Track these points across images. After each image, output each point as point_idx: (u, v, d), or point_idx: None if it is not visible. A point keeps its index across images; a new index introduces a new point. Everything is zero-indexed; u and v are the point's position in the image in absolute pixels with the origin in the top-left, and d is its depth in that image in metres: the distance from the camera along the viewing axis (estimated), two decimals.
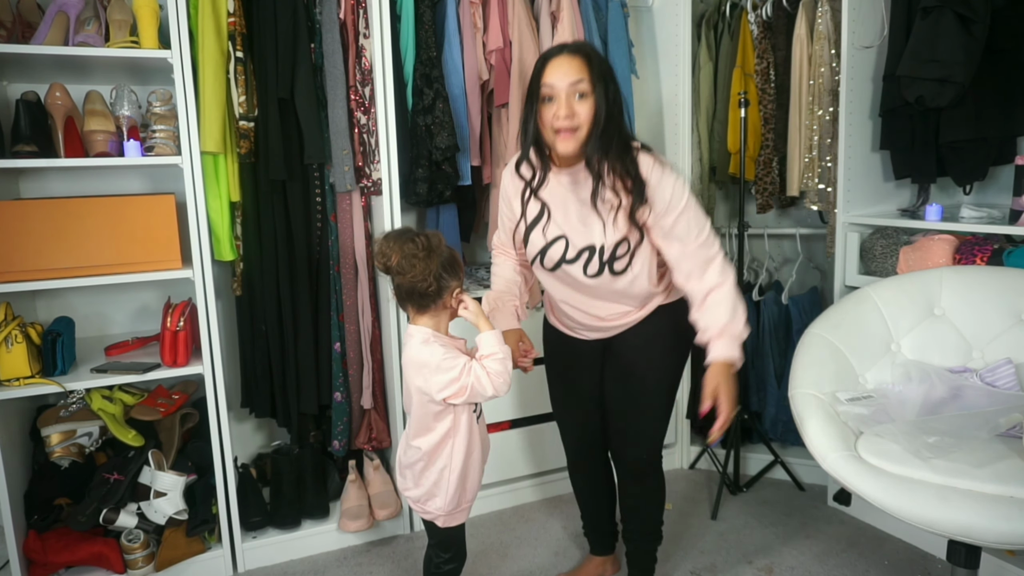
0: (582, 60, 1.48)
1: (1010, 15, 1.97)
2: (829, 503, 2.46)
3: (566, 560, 2.20)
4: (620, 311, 1.70)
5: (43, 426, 2.02)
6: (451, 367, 1.44)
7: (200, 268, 1.99)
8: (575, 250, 1.59)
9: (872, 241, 2.28)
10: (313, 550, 2.26)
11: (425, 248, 1.44)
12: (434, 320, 1.51)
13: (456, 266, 1.51)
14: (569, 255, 1.60)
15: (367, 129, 2.16)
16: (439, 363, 1.44)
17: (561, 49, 1.51)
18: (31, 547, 1.96)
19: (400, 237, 1.47)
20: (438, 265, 1.45)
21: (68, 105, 1.93)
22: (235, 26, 1.99)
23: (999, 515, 1.34)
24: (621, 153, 1.52)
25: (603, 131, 1.49)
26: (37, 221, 1.82)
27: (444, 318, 1.53)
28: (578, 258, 1.60)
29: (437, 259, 1.45)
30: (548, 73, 1.49)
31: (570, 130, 1.49)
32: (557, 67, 1.48)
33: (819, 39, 2.35)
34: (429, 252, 1.44)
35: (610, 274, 1.60)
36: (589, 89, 1.48)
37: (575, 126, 1.48)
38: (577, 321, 1.75)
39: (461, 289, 1.52)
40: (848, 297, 2.00)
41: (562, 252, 1.61)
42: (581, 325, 1.76)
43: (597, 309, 1.70)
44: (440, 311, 1.51)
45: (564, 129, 1.49)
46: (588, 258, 1.59)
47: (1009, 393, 1.69)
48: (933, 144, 2.17)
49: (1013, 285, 1.81)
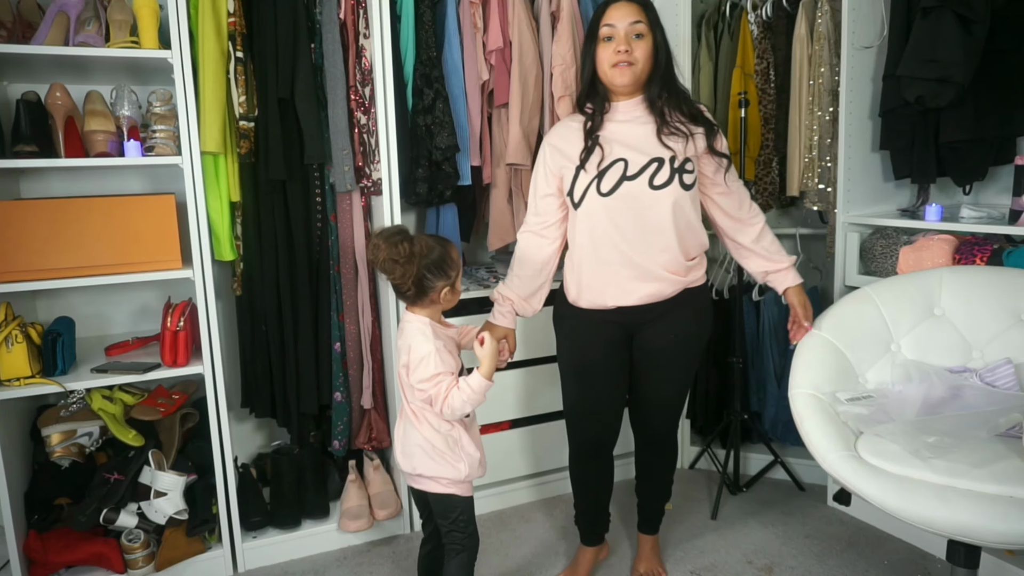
0: (639, 7, 1.67)
1: (1010, 15, 1.97)
2: (829, 503, 2.46)
3: (566, 560, 2.20)
4: (663, 262, 1.71)
5: (43, 426, 2.02)
6: (430, 371, 1.56)
7: (200, 268, 1.99)
8: (637, 166, 1.66)
9: (872, 241, 2.28)
10: (313, 550, 2.26)
11: (406, 255, 1.55)
12: (427, 311, 1.63)
13: (445, 266, 1.60)
14: (631, 171, 1.67)
15: (367, 129, 2.16)
16: (427, 361, 1.56)
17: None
18: (31, 547, 1.96)
19: (390, 238, 1.57)
20: (419, 269, 1.56)
21: (68, 105, 1.94)
22: (235, 26, 1.99)
23: (998, 515, 1.34)
24: (681, 94, 1.72)
25: (663, 73, 1.68)
26: (37, 221, 1.82)
27: (436, 309, 1.65)
28: (642, 172, 1.66)
29: (418, 264, 1.56)
30: (608, 15, 1.67)
31: (627, 63, 1.65)
32: (617, 9, 1.66)
33: (819, 39, 2.35)
34: (410, 257, 1.55)
35: (680, 186, 1.66)
36: (647, 30, 1.65)
37: (632, 60, 1.65)
38: (615, 271, 1.72)
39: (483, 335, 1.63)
40: (848, 297, 2.00)
41: (622, 171, 1.67)
42: (617, 279, 1.72)
43: (644, 249, 1.69)
44: (429, 305, 1.63)
45: (621, 62, 1.64)
46: (657, 168, 1.66)
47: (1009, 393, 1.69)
48: (933, 144, 2.17)
49: (1013, 285, 1.81)
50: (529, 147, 2.30)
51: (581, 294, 1.79)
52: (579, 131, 1.73)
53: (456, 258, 1.64)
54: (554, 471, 2.58)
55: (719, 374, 2.73)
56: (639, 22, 1.64)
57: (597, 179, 1.68)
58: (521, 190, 2.36)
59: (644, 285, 1.72)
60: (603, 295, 1.75)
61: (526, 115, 2.29)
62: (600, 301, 1.76)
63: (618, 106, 1.73)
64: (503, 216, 2.39)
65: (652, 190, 1.66)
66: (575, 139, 1.73)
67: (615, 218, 1.68)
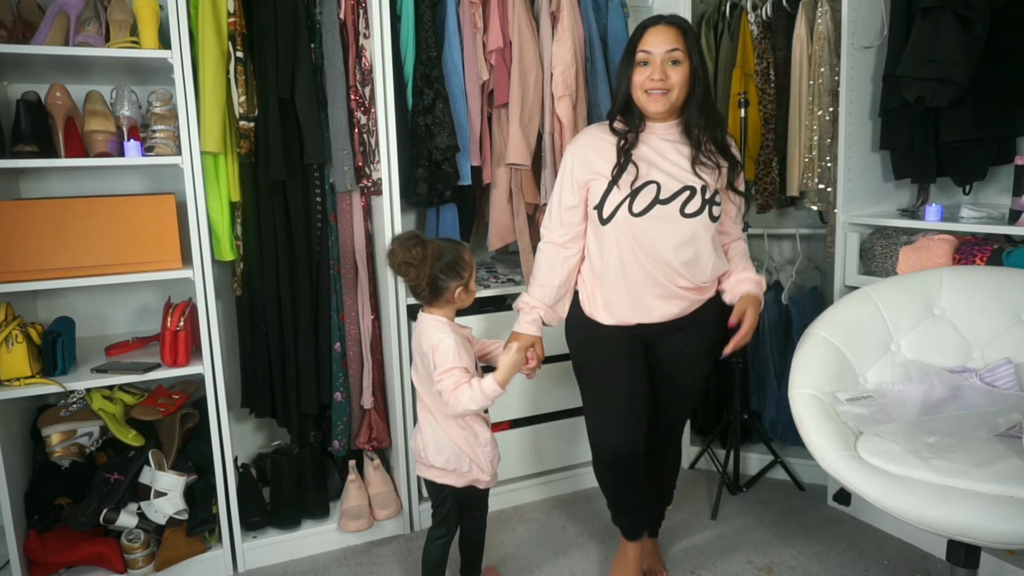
0: (678, 32, 1.64)
1: (1010, 15, 1.97)
2: (829, 503, 2.46)
3: (566, 560, 2.20)
4: (687, 284, 1.73)
5: (43, 426, 2.02)
6: (448, 364, 1.64)
7: (200, 268, 1.99)
8: (670, 191, 1.67)
9: (872, 241, 2.28)
10: (313, 550, 2.26)
11: (419, 257, 1.65)
12: (442, 310, 1.73)
13: (458, 267, 1.68)
14: (664, 195, 1.67)
15: (367, 129, 2.16)
16: (445, 352, 1.65)
17: (659, 20, 1.66)
18: (31, 547, 1.96)
19: (404, 242, 1.67)
20: (432, 271, 1.66)
21: (68, 105, 1.94)
22: (235, 26, 1.99)
23: (999, 515, 1.34)
24: (717, 121, 1.71)
25: (700, 99, 1.67)
26: (37, 221, 1.82)
27: (451, 309, 1.74)
28: (675, 197, 1.67)
29: (431, 266, 1.65)
30: (646, 40, 1.64)
31: (662, 91, 1.64)
32: (655, 35, 1.64)
33: (819, 39, 2.35)
34: (423, 260, 1.65)
35: (709, 218, 1.69)
36: (683, 57, 1.63)
37: (667, 88, 1.64)
38: (641, 289, 1.73)
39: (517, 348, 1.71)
40: (848, 297, 2.00)
41: (655, 194, 1.67)
42: (641, 297, 1.73)
43: (670, 271, 1.70)
44: (445, 304, 1.72)
45: (656, 90, 1.64)
46: (689, 197, 1.68)
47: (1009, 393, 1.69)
48: (933, 144, 2.17)
49: (1013, 285, 1.81)
50: (529, 147, 2.30)
51: (600, 309, 1.79)
52: (611, 145, 1.71)
53: (468, 259, 1.70)
54: (553, 471, 2.59)
55: (719, 374, 2.73)
56: (676, 49, 1.62)
57: (630, 198, 1.67)
58: (521, 190, 2.36)
59: (666, 304, 1.74)
60: (624, 312, 1.76)
61: (526, 115, 2.29)
62: (622, 317, 1.77)
63: (654, 127, 1.72)
64: (503, 216, 2.39)
65: (683, 217, 1.67)
66: (607, 153, 1.71)
67: (644, 239, 1.68)
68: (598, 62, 2.40)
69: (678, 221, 1.67)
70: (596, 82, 2.40)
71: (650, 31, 1.65)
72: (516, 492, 2.55)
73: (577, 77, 2.31)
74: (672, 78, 1.63)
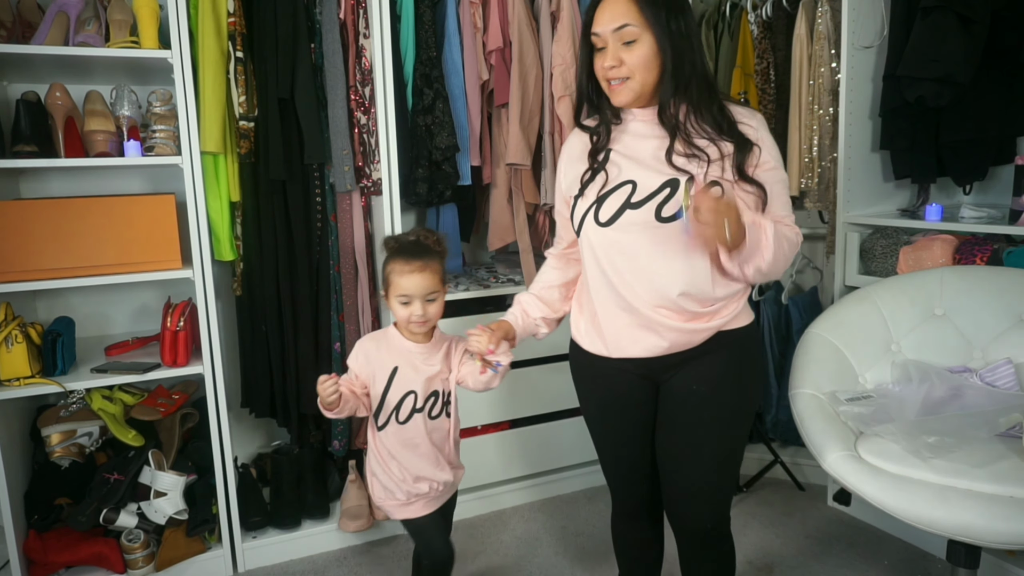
0: (631, 2, 1.28)
1: (1010, 15, 1.97)
2: (829, 503, 2.46)
3: (567, 560, 2.20)
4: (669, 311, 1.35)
5: (43, 426, 2.02)
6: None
7: (200, 268, 1.99)
8: (646, 191, 1.32)
9: (872, 241, 2.28)
10: (313, 550, 2.26)
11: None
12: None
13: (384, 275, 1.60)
14: (636, 197, 1.33)
15: (367, 129, 2.16)
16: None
17: None
18: (31, 547, 1.96)
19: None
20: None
21: (68, 105, 1.94)
22: (235, 26, 1.99)
23: (999, 515, 1.34)
24: (710, 100, 1.32)
25: (673, 76, 1.30)
26: (37, 221, 1.82)
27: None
28: (650, 198, 1.32)
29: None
30: (595, 21, 1.32)
31: (620, 80, 1.32)
32: (601, 12, 1.31)
33: (819, 39, 2.35)
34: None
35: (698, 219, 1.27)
36: (640, 31, 1.28)
37: (623, 76, 1.31)
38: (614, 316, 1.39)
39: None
40: (848, 297, 2.00)
41: (626, 196, 1.34)
42: (615, 327, 1.40)
43: (644, 294, 1.34)
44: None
45: (613, 79, 1.33)
46: (669, 194, 1.30)
47: (1009, 393, 1.69)
48: (933, 144, 2.17)
49: (1013, 285, 1.81)
50: (529, 147, 2.30)
51: (581, 336, 1.50)
52: (587, 147, 1.44)
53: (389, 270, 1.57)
54: (553, 471, 2.58)
55: None
56: (627, 25, 1.28)
57: (596, 205, 1.37)
58: (521, 190, 2.36)
59: (649, 336, 1.37)
60: (601, 343, 1.44)
61: (526, 115, 2.29)
62: (599, 348, 1.45)
63: (633, 114, 1.40)
64: (503, 216, 2.39)
65: (659, 222, 1.31)
66: (585, 155, 1.44)
67: (611, 254, 1.36)
68: None
69: (653, 228, 1.31)
70: None
71: (598, 9, 1.32)
72: (516, 492, 2.54)
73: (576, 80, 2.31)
74: (628, 61, 1.30)
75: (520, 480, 2.55)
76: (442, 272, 1.60)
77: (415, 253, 1.56)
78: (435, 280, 1.57)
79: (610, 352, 1.42)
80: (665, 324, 1.35)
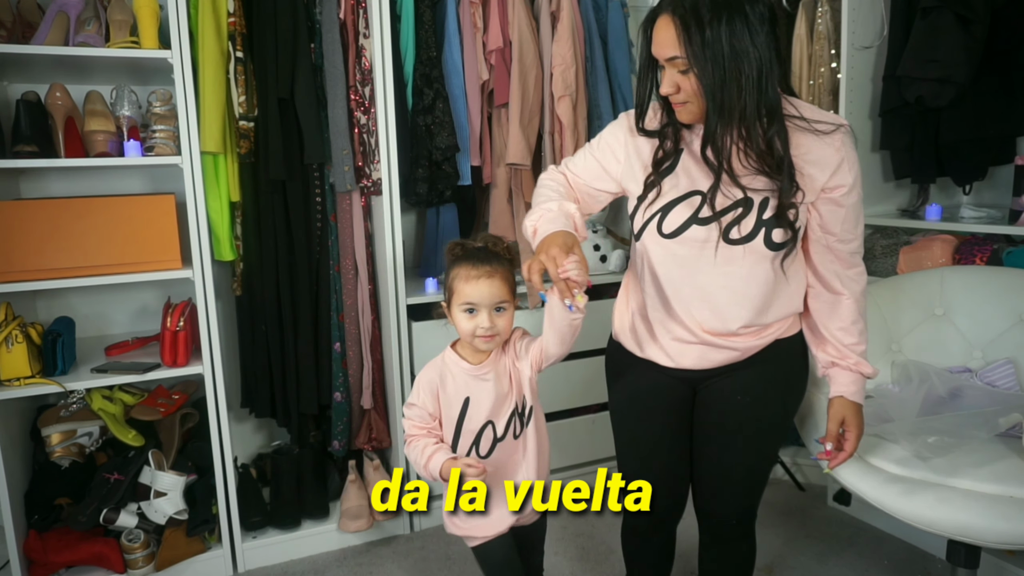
0: (676, 30, 1.17)
1: (1010, 15, 1.97)
2: (829, 503, 2.46)
3: (566, 560, 2.20)
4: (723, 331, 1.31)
5: (43, 426, 2.02)
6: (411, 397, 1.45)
7: (200, 268, 1.99)
8: (718, 206, 1.25)
9: (872, 241, 2.28)
10: (313, 550, 2.26)
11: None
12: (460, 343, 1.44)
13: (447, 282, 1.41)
14: (705, 212, 1.25)
15: (367, 129, 2.16)
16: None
17: (657, 11, 1.22)
18: (31, 547, 1.96)
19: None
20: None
21: (68, 105, 1.94)
22: (235, 26, 1.99)
23: (999, 515, 1.34)
24: (753, 129, 1.20)
25: (714, 109, 1.18)
26: (37, 221, 1.82)
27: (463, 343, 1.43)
28: (719, 216, 1.24)
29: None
30: (652, 42, 1.24)
31: (680, 103, 1.25)
32: (655, 37, 1.23)
33: (819, 39, 2.35)
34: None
35: (766, 245, 1.24)
36: (687, 64, 1.19)
37: (682, 100, 1.24)
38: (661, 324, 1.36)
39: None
40: None
41: (694, 209, 1.26)
42: (660, 335, 1.37)
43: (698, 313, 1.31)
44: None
45: (675, 103, 1.27)
46: (741, 214, 1.23)
47: (1009, 393, 1.69)
48: (933, 144, 2.17)
49: (1013, 285, 1.81)
50: (529, 147, 2.30)
51: (625, 335, 1.46)
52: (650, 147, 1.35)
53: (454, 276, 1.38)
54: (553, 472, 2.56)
55: None
56: (676, 58, 1.19)
57: (662, 213, 1.29)
58: (521, 190, 2.36)
59: (692, 352, 1.34)
60: (646, 347, 1.41)
61: (526, 115, 2.29)
62: (645, 353, 1.41)
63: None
64: (503, 216, 2.39)
65: (727, 244, 1.25)
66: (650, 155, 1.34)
67: (670, 268, 1.30)
68: (598, 62, 2.40)
69: (719, 247, 1.25)
70: (596, 82, 2.40)
71: (653, 29, 1.23)
72: None
73: (577, 77, 2.31)
74: (684, 87, 1.22)
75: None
76: (512, 282, 1.40)
77: (483, 258, 1.37)
78: (505, 289, 1.36)
79: (656, 359, 1.39)
80: (713, 343, 1.33)
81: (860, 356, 1.35)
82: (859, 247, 1.33)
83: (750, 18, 1.15)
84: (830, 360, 1.37)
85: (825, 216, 1.28)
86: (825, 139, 1.24)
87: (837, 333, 1.34)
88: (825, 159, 1.24)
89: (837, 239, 1.30)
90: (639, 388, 1.45)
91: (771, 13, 1.20)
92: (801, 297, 1.36)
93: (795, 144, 1.23)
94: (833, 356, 1.36)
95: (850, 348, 1.34)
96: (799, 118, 1.24)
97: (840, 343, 1.34)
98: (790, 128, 1.22)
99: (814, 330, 1.39)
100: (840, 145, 1.25)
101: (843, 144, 1.25)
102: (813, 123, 1.24)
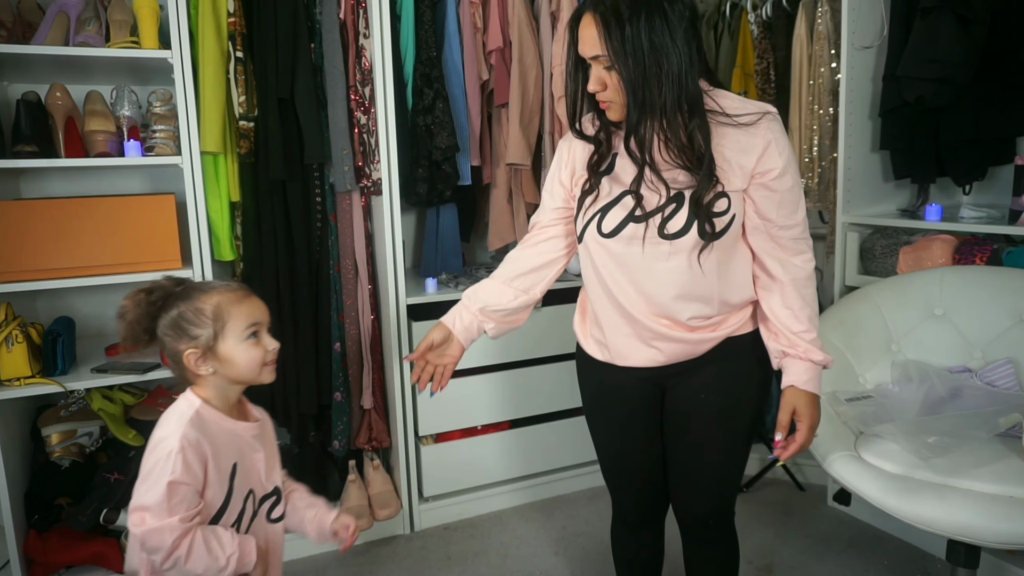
0: (597, 28, 1.19)
1: (1010, 15, 1.97)
2: (829, 503, 2.46)
3: (566, 560, 2.20)
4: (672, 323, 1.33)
5: (43, 426, 2.02)
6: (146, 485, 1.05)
7: (200, 268, 1.99)
8: (652, 203, 1.27)
9: (872, 241, 2.28)
10: (313, 550, 2.26)
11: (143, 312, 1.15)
12: (201, 389, 1.16)
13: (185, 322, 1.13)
14: (640, 211, 1.28)
15: (367, 129, 2.16)
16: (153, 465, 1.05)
17: (582, 10, 1.23)
18: (31, 547, 1.96)
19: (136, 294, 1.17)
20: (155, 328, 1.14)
21: (68, 105, 1.94)
22: (235, 26, 2.00)
23: (999, 515, 1.34)
24: (673, 123, 1.21)
25: (635, 104, 1.21)
26: (37, 221, 1.82)
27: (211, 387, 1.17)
28: (655, 213, 1.26)
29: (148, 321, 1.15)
30: (578, 41, 1.25)
31: (607, 103, 1.27)
32: (580, 36, 1.24)
33: (819, 39, 2.35)
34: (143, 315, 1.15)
35: (701, 235, 1.24)
36: (610, 61, 1.20)
37: (608, 99, 1.26)
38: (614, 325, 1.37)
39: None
40: (848, 297, 2.00)
41: (631, 208, 1.28)
42: (615, 336, 1.38)
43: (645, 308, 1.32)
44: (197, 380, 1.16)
45: (601, 101, 1.28)
46: (674, 210, 1.25)
47: (1009, 393, 1.69)
48: (933, 144, 2.18)
49: (1013, 285, 1.81)
50: (529, 147, 2.30)
51: (587, 342, 1.47)
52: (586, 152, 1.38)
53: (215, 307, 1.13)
54: (553, 471, 2.58)
55: None
56: (598, 56, 1.21)
57: (601, 214, 1.31)
58: (521, 190, 2.36)
59: (645, 348, 1.36)
60: (605, 350, 1.42)
61: (526, 115, 2.29)
62: (603, 355, 1.43)
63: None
64: (503, 216, 2.39)
65: (663, 239, 1.26)
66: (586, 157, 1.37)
67: (610, 266, 1.33)
68: None
69: (656, 243, 1.27)
70: None
71: (579, 29, 1.24)
72: (516, 492, 2.54)
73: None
74: (611, 84, 1.23)
75: (520, 480, 2.55)
76: None
77: (221, 283, 1.20)
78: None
79: (614, 360, 1.41)
80: (665, 335, 1.32)
81: (810, 344, 1.31)
82: (802, 233, 1.32)
83: (669, 15, 1.17)
84: (781, 350, 1.35)
85: (759, 203, 1.28)
86: (749, 130, 1.25)
87: (785, 321, 1.32)
88: (751, 146, 1.25)
89: (776, 225, 1.29)
90: (605, 391, 1.47)
91: (691, 12, 1.22)
92: (749, 287, 1.35)
93: (720, 136, 1.25)
94: (783, 345, 1.34)
95: (799, 336, 1.31)
96: (721, 113, 1.25)
97: (789, 331, 1.32)
98: (713, 124, 1.24)
99: (764, 321, 1.37)
100: (765, 131, 1.25)
101: (768, 129, 1.26)
102: (735, 117, 1.25)
